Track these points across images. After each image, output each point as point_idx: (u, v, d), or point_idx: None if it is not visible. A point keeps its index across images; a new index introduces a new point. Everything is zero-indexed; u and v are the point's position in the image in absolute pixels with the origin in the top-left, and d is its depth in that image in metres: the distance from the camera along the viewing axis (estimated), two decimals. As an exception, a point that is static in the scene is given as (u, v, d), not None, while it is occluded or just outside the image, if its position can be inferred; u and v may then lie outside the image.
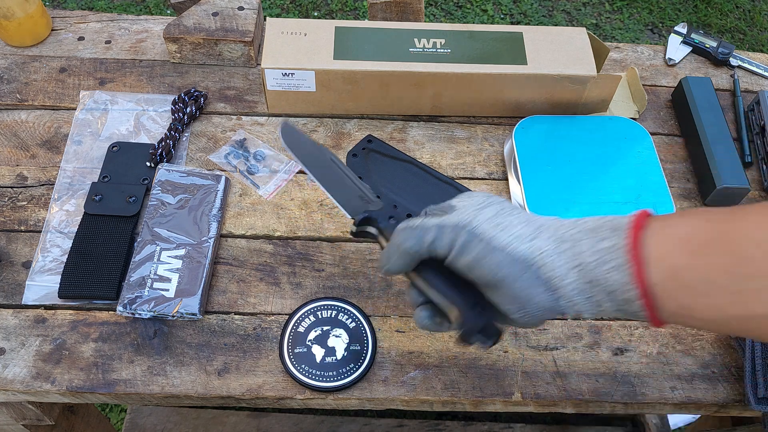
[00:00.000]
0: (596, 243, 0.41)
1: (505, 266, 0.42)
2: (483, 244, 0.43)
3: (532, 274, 0.42)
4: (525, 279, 0.42)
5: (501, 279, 0.42)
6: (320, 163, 0.56)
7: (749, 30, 2.06)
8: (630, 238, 0.40)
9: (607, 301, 0.41)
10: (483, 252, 0.43)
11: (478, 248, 0.43)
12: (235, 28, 0.80)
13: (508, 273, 0.42)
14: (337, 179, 0.55)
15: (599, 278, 0.40)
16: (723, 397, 0.62)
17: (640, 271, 0.39)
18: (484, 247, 0.43)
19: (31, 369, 0.60)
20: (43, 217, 0.69)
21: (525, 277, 0.42)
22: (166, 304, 0.62)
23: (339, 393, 0.60)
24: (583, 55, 0.76)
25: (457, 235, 0.44)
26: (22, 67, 0.81)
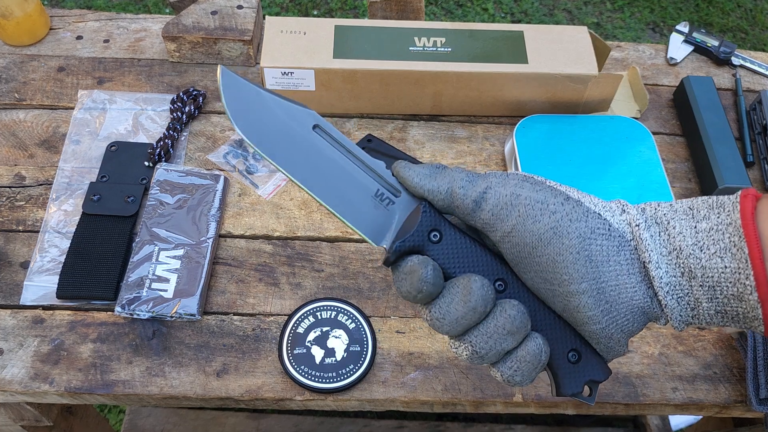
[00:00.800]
0: (694, 223, 0.30)
1: (599, 237, 0.29)
2: (571, 203, 0.30)
3: (629, 256, 0.30)
4: (620, 260, 0.30)
5: (588, 256, 0.29)
6: (298, 145, 0.33)
7: (751, 29, 2.06)
8: (741, 213, 0.29)
9: (706, 299, 0.30)
10: (572, 212, 0.30)
11: (567, 207, 0.30)
12: (234, 27, 0.80)
13: (601, 248, 0.29)
14: (332, 175, 0.33)
15: (698, 267, 0.30)
16: (725, 398, 0.62)
17: (757, 255, 0.28)
18: (572, 208, 0.30)
19: (29, 370, 0.60)
20: (41, 217, 0.68)
21: (620, 258, 0.30)
22: (165, 304, 0.62)
23: (338, 394, 0.60)
24: (584, 54, 0.76)
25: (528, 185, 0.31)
26: (20, 66, 0.80)
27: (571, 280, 0.30)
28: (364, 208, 0.33)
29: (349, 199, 0.33)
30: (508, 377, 0.32)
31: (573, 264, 0.30)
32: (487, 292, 0.31)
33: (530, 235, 0.30)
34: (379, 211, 0.33)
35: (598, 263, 0.30)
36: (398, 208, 0.33)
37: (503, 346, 0.31)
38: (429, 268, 0.31)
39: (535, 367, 0.31)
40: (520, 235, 0.30)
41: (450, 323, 0.31)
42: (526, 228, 0.30)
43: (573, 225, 0.30)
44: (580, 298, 0.30)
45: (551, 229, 0.30)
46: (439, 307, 0.31)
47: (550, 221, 0.30)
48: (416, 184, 0.32)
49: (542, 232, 0.30)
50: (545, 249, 0.30)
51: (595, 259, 0.30)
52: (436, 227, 0.32)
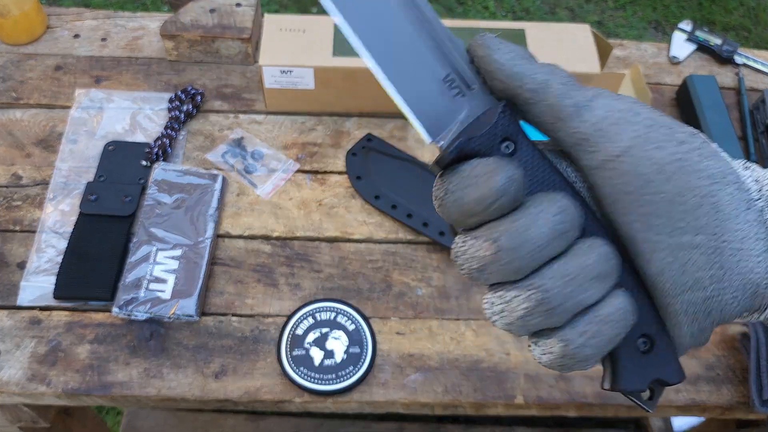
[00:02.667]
0: None
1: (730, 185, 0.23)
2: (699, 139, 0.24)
3: (757, 217, 0.24)
4: (748, 219, 0.23)
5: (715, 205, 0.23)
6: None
7: (754, 28, 2.05)
8: None
9: None
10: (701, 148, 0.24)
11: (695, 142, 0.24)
12: (233, 25, 0.79)
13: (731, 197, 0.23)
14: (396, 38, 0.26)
15: None
16: (727, 399, 0.61)
17: None
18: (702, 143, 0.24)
19: (26, 371, 0.59)
20: (38, 217, 0.68)
21: (749, 216, 0.23)
22: (163, 305, 0.61)
23: (338, 396, 0.59)
24: (586, 53, 0.75)
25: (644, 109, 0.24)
26: (18, 65, 0.80)
27: (687, 229, 0.23)
28: (427, 90, 0.26)
29: (410, 73, 0.26)
30: (576, 347, 0.23)
31: (695, 209, 0.23)
32: (579, 214, 0.23)
33: (648, 163, 0.23)
34: (444, 99, 0.26)
35: (726, 216, 0.23)
36: (468, 102, 0.26)
37: (585, 295, 0.23)
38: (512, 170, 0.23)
39: (618, 334, 0.23)
40: (635, 160, 0.23)
41: (529, 252, 0.22)
42: (645, 153, 0.23)
43: (704, 162, 0.23)
44: (691, 254, 0.23)
45: (678, 160, 0.23)
46: (514, 230, 0.22)
47: (677, 151, 0.23)
48: (505, 60, 0.24)
49: (666, 162, 0.23)
50: (664, 184, 0.23)
51: (722, 210, 0.23)
52: (511, 136, 0.25)
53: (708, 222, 0.23)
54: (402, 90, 0.26)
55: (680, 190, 0.23)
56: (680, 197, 0.23)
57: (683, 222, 0.23)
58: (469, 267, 0.23)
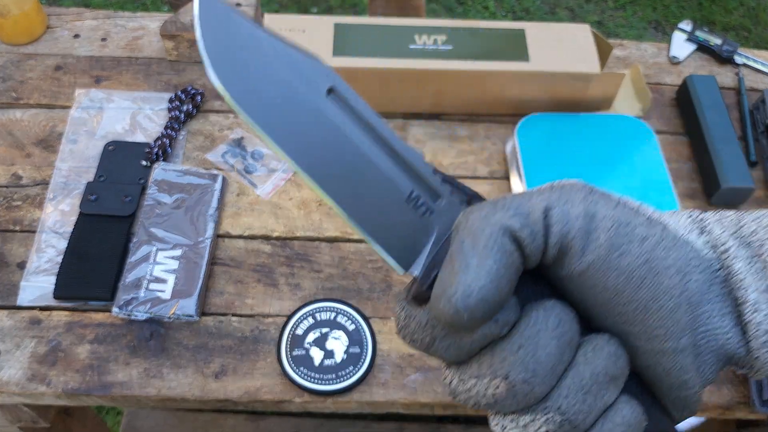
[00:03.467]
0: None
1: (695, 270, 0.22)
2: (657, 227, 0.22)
3: (720, 290, 0.22)
4: (712, 297, 0.22)
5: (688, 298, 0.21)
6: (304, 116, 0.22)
7: (754, 27, 2.05)
8: None
9: None
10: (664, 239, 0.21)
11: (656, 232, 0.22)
12: (233, 25, 0.79)
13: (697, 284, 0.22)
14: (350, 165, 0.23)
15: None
16: (728, 399, 0.61)
17: None
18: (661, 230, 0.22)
19: (26, 371, 0.59)
20: (38, 217, 0.68)
21: (712, 295, 0.22)
22: (163, 305, 0.61)
23: (338, 396, 0.59)
24: (586, 53, 0.75)
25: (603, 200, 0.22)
26: (17, 65, 0.80)
27: (669, 336, 0.21)
28: (390, 215, 0.23)
29: (369, 200, 0.22)
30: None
31: (672, 313, 0.21)
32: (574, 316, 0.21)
33: (615, 274, 0.21)
34: (411, 221, 0.23)
35: (695, 306, 0.21)
36: (437, 219, 0.23)
37: (603, 401, 0.21)
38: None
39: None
40: (601, 274, 0.21)
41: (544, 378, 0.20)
42: (610, 264, 0.21)
43: (670, 255, 0.21)
44: (677, 359, 0.21)
45: (645, 262, 0.21)
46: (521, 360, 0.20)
47: (641, 252, 0.21)
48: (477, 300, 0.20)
49: (633, 268, 0.21)
50: (635, 293, 0.21)
51: (694, 301, 0.21)
52: None
53: (687, 321, 0.21)
54: (362, 220, 0.23)
55: (654, 296, 0.21)
56: (655, 303, 0.21)
57: (663, 328, 0.21)
58: (478, 403, 0.21)
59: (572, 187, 0.22)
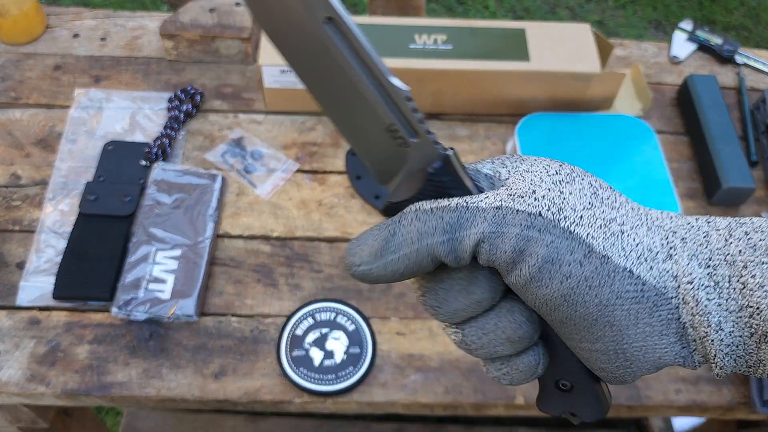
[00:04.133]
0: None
1: (626, 302, 0.25)
2: (593, 262, 0.24)
3: (666, 316, 0.25)
4: (651, 323, 0.25)
5: (609, 322, 0.25)
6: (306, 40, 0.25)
7: (754, 27, 2.05)
8: None
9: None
10: (593, 276, 0.24)
11: (586, 269, 0.24)
12: (232, 25, 0.79)
13: (627, 313, 0.25)
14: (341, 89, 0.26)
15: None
16: (728, 399, 0.61)
17: None
18: (593, 269, 0.24)
19: (25, 371, 0.59)
20: (38, 217, 0.68)
21: (653, 320, 0.25)
22: (162, 305, 0.61)
23: (338, 397, 0.59)
24: (587, 52, 0.75)
25: (539, 238, 0.25)
26: (17, 64, 0.80)
27: (583, 340, 0.26)
28: (375, 140, 0.26)
29: (358, 123, 0.26)
30: (494, 376, 0.29)
31: (588, 328, 0.25)
32: (497, 285, 0.26)
33: (533, 298, 0.25)
34: (391, 148, 0.26)
35: (622, 328, 0.25)
36: (412, 153, 0.26)
37: (497, 350, 0.27)
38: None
39: (526, 378, 0.28)
40: (529, 299, 0.26)
41: (446, 313, 0.27)
42: (529, 291, 0.25)
43: (592, 292, 0.24)
44: (593, 355, 0.26)
45: (562, 296, 0.25)
46: (435, 294, 0.26)
47: (560, 288, 0.24)
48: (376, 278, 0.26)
49: (550, 298, 0.25)
50: (554, 313, 0.25)
51: (618, 324, 0.25)
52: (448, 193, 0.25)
53: (604, 335, 0.26)
54: (349, 136, 0.26)
55: (568, 317, 0.25)
56: (570, 321, 0.26)
57: (577, 335, 0.26)
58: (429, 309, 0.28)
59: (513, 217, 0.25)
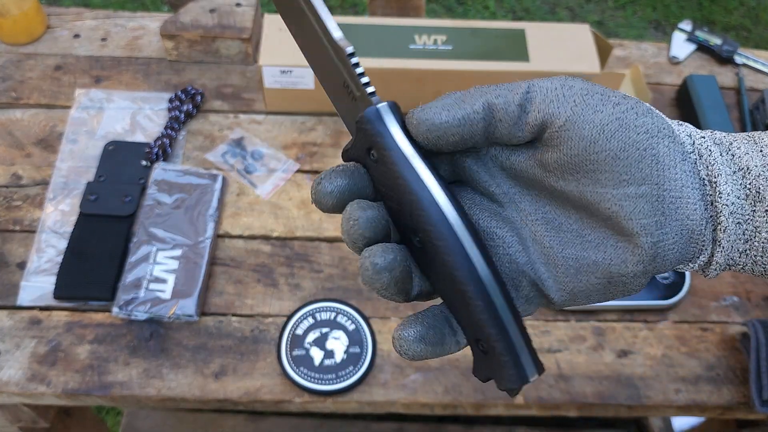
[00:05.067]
0: (759, 147, 0.27)
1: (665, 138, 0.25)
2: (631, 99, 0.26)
3: (691, 168, 0.26)
4: (685, 169, 0.26)
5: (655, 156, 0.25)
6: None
7: (754, 27, 2.05)
8: None
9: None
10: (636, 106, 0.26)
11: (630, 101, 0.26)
12: (233, 25, 0.79)
13: (668, 149, 0.25)
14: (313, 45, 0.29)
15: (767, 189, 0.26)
16: (728, 399, 0.61)
17: None
18: (635, 102, 0.26)
19: (26, 371, 0.59)
20: (38, 217, 0.68)
21: (685, 167, 0.26)
22: (163, 305, 0.61)
23: (338, 396, 0.59)
24: (587, 52, 0.75)
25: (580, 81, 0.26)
26: (17, 65, 0.80)
27: (631, 180, 0.25)
28: (340, 96, 0.28)
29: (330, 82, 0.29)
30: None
31: (638, 162, 0.25)
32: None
33: (590, 126, 0.25)
34: (347, 102, 0.28)
35: (665, 166, 0.25)
36: (358, 107, 0.28)
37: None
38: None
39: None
40: (577, 127, 0.25)
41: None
42: (586, 118, 0.25)
43: (640, 119, 0.25)
44: (636, 203, 0.25)
45: (617, 119, 0.25)
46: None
47: (614, 111, 0.25)
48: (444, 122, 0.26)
49: (606, 122, 0.25)
50: (607, 143, 0.25)
51: (662, 161, 0.25)
52: (374, 145, 0.27)
53: (650, 173, 0.25)
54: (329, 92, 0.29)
55: (623, 146, 0.25)
56: (623, 152, 0.25)
57: (627, 174, 0.25)
58: None
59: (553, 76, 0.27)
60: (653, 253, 0.25)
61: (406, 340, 0.27)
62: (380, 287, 0.26)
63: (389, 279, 0.25)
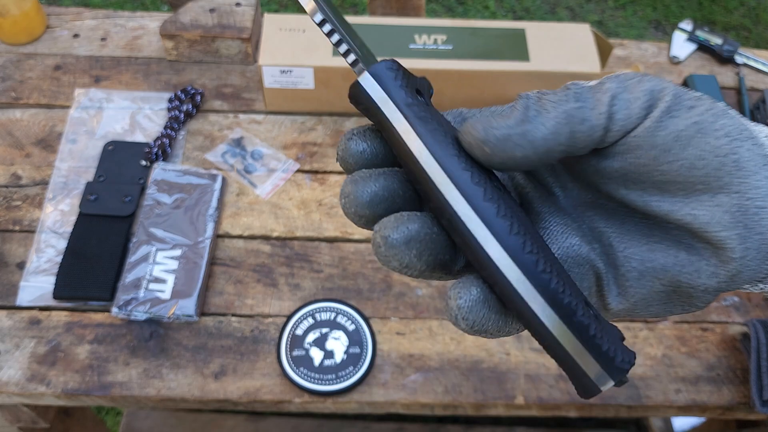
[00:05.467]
0: None
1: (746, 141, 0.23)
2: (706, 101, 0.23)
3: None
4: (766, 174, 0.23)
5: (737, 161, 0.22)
6: None
7: (754, 27, 2.05)
8: None
9: None
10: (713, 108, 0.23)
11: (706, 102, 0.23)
12: (233, 25, 0.79)
13: (750, 153, 0.22)
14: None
15: None
16: (728, 399, 0.61)
17: None
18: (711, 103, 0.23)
19: (25, 371, 0.59)
20: (38, 217, 0.68)
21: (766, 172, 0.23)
22: (162, 305, 0.61)
23: (338, 396, 0.59)
24: (587, 52, 0.75)
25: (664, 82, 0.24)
26: (17, 64, 0.80)
27: (709, 189, 0.22)
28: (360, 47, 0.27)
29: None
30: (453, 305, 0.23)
31: (717, 170, 0.22)
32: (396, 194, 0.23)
33: (663, 133, 0.22)
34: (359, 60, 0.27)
35: (747, 173, 0.22)
36: (364, 63, 0.26)
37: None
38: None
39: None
40: (650, 136, 0.23)
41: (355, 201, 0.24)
42: (660, 126, 0.22)
43: (719, 121, 0.22)
44: (714, 212, 0.22)
45: (694, 124, 0.22)
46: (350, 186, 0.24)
47: (690, 115, 0.22)
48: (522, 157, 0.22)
49: (681, 128, 0.22)
50: (682, 151, 0.22)
51: (744, 166, 0.22)
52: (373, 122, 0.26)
53: (731, 180, 0.22)
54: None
55: (700, 154, 0.22)
56: (701, 161, 0.22)
57: (703, 184, 0.22)
58: None
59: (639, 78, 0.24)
60: (735, 269, 0.22)
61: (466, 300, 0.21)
62: (400, 266, 0.21)
63: (410, 254, 0.21)
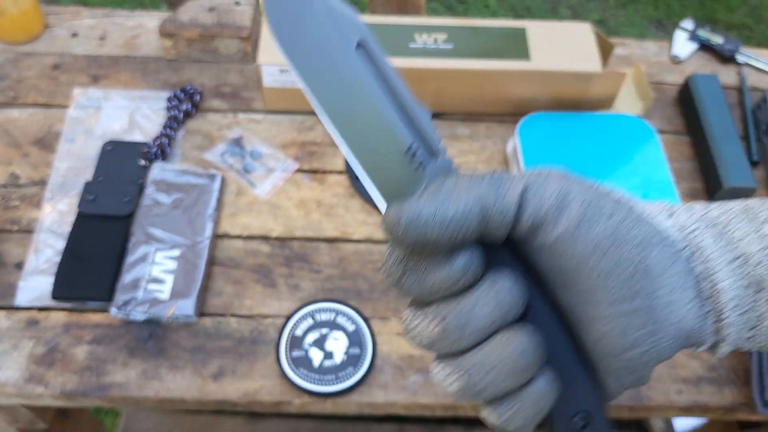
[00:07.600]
0: (756, 226, 0.26)
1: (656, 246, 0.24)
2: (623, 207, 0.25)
3: (683, 267, 0.25)
4: (675, 272, 0.25)
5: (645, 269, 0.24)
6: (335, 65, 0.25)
7: (756, 26, 2.04)
8: None
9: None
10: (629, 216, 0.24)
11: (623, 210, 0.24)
12: (232, 24, 0.79)
13: (657, 258, 0.24)
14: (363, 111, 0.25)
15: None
16: (730, 400, 0.61)
17: None
18: (627, 211, 0.25)
19: (23, 372, 0.59)
20: (36, 217, 0.67)
21: (676, 269, 0.25)
22: (161, 306, 0.61)
23: (338, 398, 0.59)
24: (588, 51, 0.75)
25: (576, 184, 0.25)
26: (15, 64, 0.79)
27: (624, 298, 0.24)
28: (389, 163, 0.25)
29: (374, 147, 0.25)
30: (504, 421, 0.24)
31: (630, 279, 0.24)
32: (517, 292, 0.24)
33: (582, 245, 0.24)
34: (405, 172, 0.25)
35: (655, 275, 0.24)
36: (429, 175, 0.25)
37: (506, 384, 0.24)
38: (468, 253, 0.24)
39: (537, 413, 0.25)
40: (570, 243, 0.24)
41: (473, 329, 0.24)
42: (579, 235, 0.24)
43: (633, 230, 0.24)
44: (629, 319, 0.24)
45: (610, 235, 0.24)
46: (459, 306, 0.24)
47: (608, 226, 0.24)
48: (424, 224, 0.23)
49: (599, 239, 0.24)
50: (600, 261, 0.24)
51: (652, 271, 0.24)
52: None
53: (643, 286, 0.24)
54: (363, 159, 0.25)
55: (616, 263, 0.24)
56: (616, 269, 0.24)
57: (620, 293, 0.24)
58: (420, 342, 0.24)
59: (549, 173, 0.25)
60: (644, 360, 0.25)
61: None
62: None
63: None
